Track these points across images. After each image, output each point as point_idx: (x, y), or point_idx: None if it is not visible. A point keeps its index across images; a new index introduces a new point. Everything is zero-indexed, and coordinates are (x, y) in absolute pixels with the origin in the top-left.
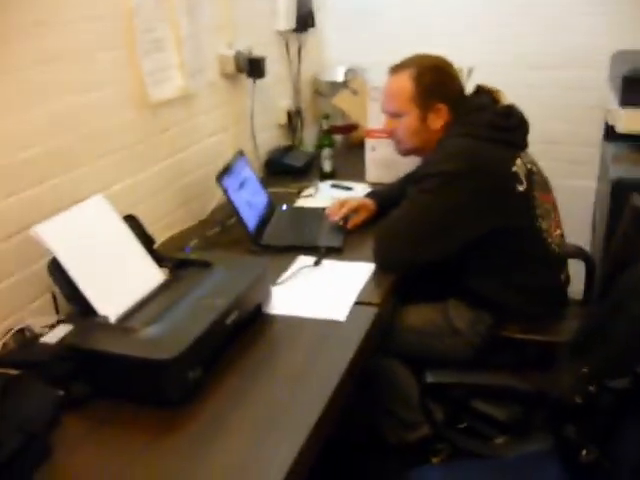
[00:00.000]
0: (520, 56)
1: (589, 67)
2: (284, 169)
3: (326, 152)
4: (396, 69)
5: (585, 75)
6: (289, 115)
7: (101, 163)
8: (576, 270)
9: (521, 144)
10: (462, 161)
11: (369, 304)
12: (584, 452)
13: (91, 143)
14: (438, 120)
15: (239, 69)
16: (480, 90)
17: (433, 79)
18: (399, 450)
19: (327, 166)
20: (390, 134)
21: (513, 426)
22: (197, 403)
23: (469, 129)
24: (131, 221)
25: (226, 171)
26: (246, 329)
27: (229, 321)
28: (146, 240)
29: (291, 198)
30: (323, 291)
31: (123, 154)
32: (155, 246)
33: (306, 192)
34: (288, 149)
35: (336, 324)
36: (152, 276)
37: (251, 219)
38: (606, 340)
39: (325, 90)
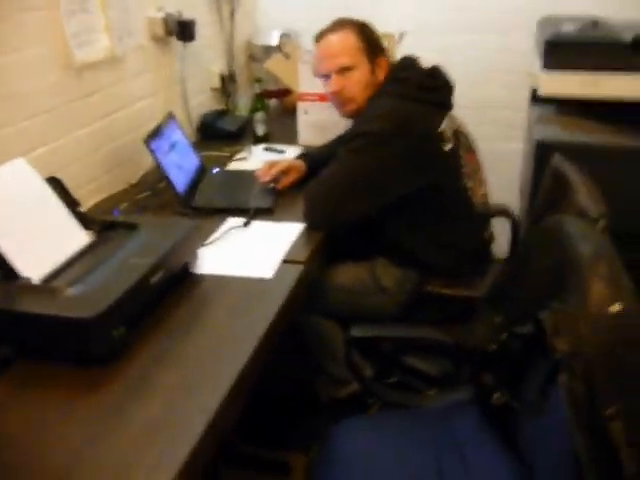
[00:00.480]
0: (450, 21)
1: (518, 31)
2: (217, 133)
3: (259, 116)
4: (333, 29)
5: (514, 39)
6: (222, 79)
7: (24, 125)
8: (503, 229)
9: (447, 104)
10: (390, 121)
11: (296, 262)
12: (495, 395)
13: (13, 105)
14: (382, 73)
15: (168, 32)
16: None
17: (373, 34)
18: (331, 406)
19: (260, 130)
20: (336, 94)
21: (442, 379)
22: (122, 362)
23: (398, 89)
24: (54, 184)
25: (155, 134)
26: (173, 289)
27: (154, 280)
28: (71, 203)
29: (224, 161)
30: (251, 250)
31: (47, 117)
32: (84, 210)
33: (238, 155)
34: (222, 113)
35: (263, 282)
36: (77, 238)
37: (181, 182)
38: (515, 291)
39: (259, 54)
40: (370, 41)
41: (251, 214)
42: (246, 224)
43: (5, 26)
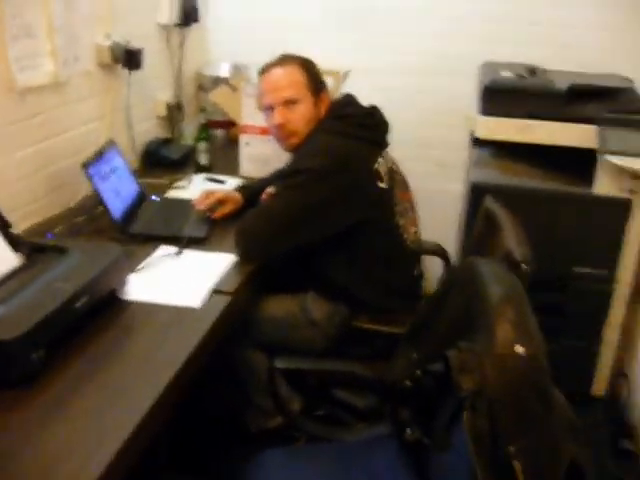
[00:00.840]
0: (395, 62)
1: (461, 75)
2: (161, 161)
3: (202, 145)
4: (279, 63)
5: (457, 82)
6: (169, 108)
7: None
8: (438, 266)
9: (383, 143)
10: (330, 158)
11: (225, 293)
12: (408, 431)
13: None
14: (323, 109)
15: (115, 59)
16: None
17: (316, 70)
18: (261, 436)
19: (203, 159)
20: (279, 127)
21: (369, 412)
22: (39, 385)
23: (338, 126)
24: None
25: (94, 159)
26: (99, 313)
27: (78, 305)
28: (1, 224)
29: (164, 189)
30: (182, 279)
31: None
32: (17, 232)
33: (179, 184)
34: (166, 141)
35: (190, 311)
36: (4, 260)
37: (118, 208)
38: (430, 328)
39: (208, 85)
40: (314, 77)
41: (184, 243)
42: (178, 253)
43: None
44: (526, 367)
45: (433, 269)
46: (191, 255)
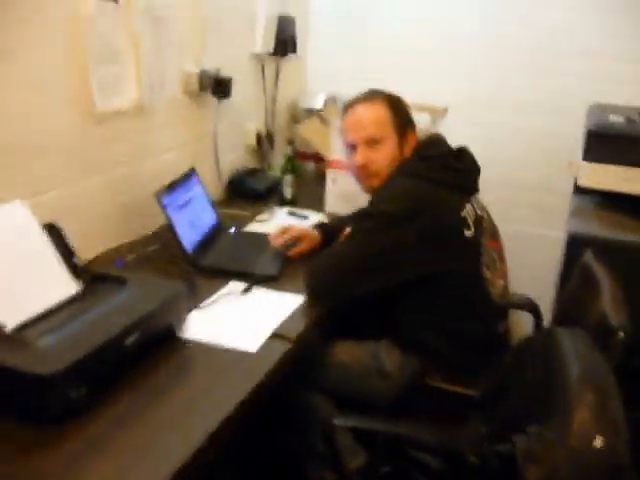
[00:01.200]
0: (495, 96)
1: (568, 115)
2: (246, 192)
3: (288, 178)
4: (366, 99)
5: (566, 122)
6: (259, 137)
7: (34, 165)
8: (527, 322)
9: (472, 188)
10: (406, 203)
11: (285, 338)
12: None
13: (24, 144)
14: (409, 149)
15: (203, 87)
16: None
17: (403, 108)
18: None
19: (288, 192)
20: (361, 167)
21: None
22: (78, 424)
23: (420, 168)
24: (51, 230)
25: (170, 188)
26: (152, 351)
27: (129, 341)
28: (66, 251)
29: (245, 221)
30: (244, 319)
31: (60, 160)
32: (89, 257)
33: (260, 217)
34: (253, 172)
35: (246, 355)
36: (63, 288)
37: (191, 239)
38: (503, 401)
39: (301, 116)
40: (400, 115)
41: (253, 280)
42: (246, 290)
43: (29, 65)
44: (604, 464)
45: (522, 324)
46: (259, 294)
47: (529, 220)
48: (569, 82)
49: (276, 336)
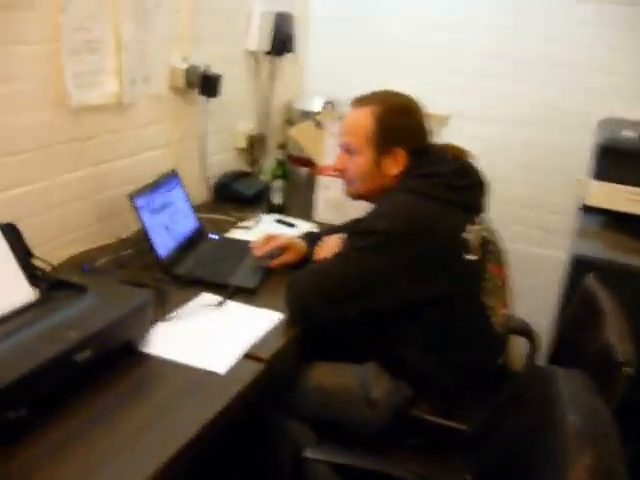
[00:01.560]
0: (498, 109)
1: (577, 131)
2: (232, 196)
3: (277, 183)
4: (360, 102)
5: (572, 139)
6: (250, 140)
7: (3, 162)
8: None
9: (476, 207)
10: (403, 221)
11: (257, 359)
12: None
13: None
14: (394, 166)
15: (190, 84)
16: (445, 146)
17: (396, 121)
18: None
19: (276, 198)
20: (340, 172)
21: None
22: (13, 449)
23: (421, 186)
24: (9, 231)
25: (146, 190)
26: (109, 367)
27: (80, 358)
28: (24, 254)
29: (228, 227)
30: (214, 336)
31: (30, 156)
32: (61, 261)
33: (245, 223)
34: (242, 175)
35: (213, 376)
36: (16, 294)
37: (166, 244)
38: (488, 448)
39: (296, 119)
40: (389, 128)
41: (229, 292)
42: (220, 303)
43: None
44: None
45: (516, 348)
46: (235, 307)
47: (530, 239)
48: (575, 97)
49: (248, 357)
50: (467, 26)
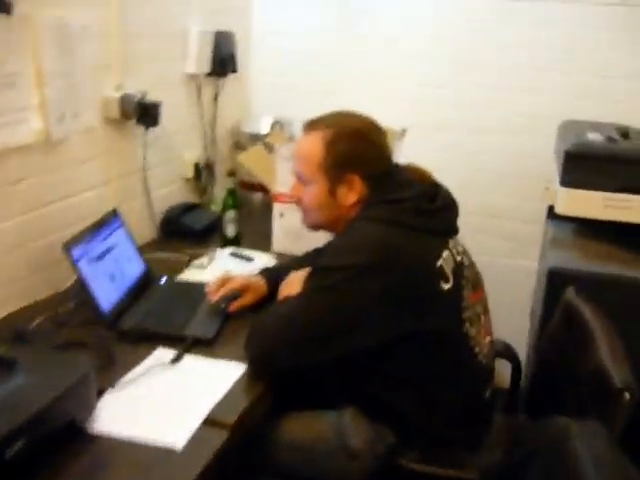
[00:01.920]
0: (461, 118)
1: (536, 134)
2: (182, 231)
3: (230, 215)
4: (310, 126)
5: (533, 144)
6: (197, 169)
7: None
8: (503, 368)
9: (449, 230)
10: (371, 254)
11: (220, 425)
12: None
13: None
14: (350, 195)
15: (126, 115)
16: (408, 167)
17: (350, 146)
18: None
19: (230, 230)
20: (297, 201)
21: None
22: None
23: (387, 213)
24: None
25: (83, 236)
26: (49, 457)
27: (10, 452)
28: None
29: (180, 268)
30: (170, 402)
31: None
32: None
33: (199, 261)
34: (191, 208)
35: (170, 453)
36: None
37: (110, 296)
38: None
39: (246, 143)
40: (342, 154)
41: (183, 347)
42: (175, 360)
43: None
44: None
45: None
46: (191, 363)
47: (498, 250)
48: (537, 99)
49: (209, 423)
50: (419, 34)
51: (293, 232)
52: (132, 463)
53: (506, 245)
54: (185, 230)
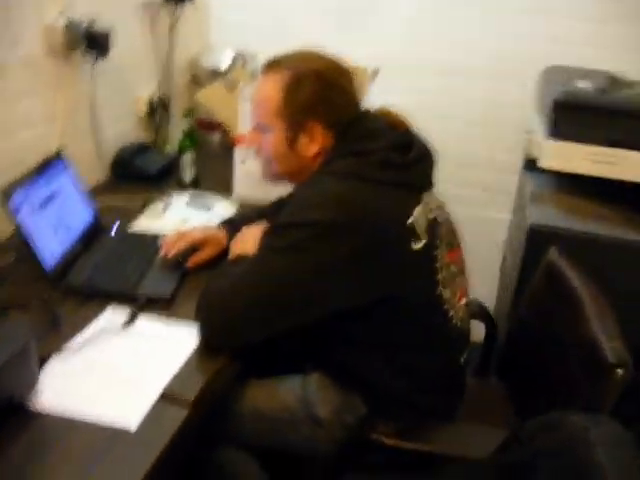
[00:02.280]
0: (434, 59)
1: (516, 79)
2: (134, 174)
3: (187, 157)
4: (269, 68)
5: (511, 89)
6: (151, 106)
7: None
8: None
9: (423, 184)
10: (336, 212)
11: (179, 401)
12: None
13: None
14: (312, 145)
15: (71, 44)
16: (380, 113)
17: (311, 91)
18: None
19: (187, 175)
20: (255, 150)
21: None
22: None
23: (350, 166)
24: None
25: (23, 182)
26: None
27: None
28: None
29: (134, 214)
30: (122, 372)
31: None
32: None
33: (153, 207)
34: (144, 149)
35: (123, 435)
36: None
37: (54, 249)
38: None
39: (204, 78)
40: (303, 100)
41: (137, 307)
42: (127, 323)
43: None
44: None
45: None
46: (146, 325)
47: (472, 202)
48: (515, 43)
49: (167, 398)
50: None
51: (255, 178)
52: (80, 445)
53: (480, 196)
54: (138, 173)
